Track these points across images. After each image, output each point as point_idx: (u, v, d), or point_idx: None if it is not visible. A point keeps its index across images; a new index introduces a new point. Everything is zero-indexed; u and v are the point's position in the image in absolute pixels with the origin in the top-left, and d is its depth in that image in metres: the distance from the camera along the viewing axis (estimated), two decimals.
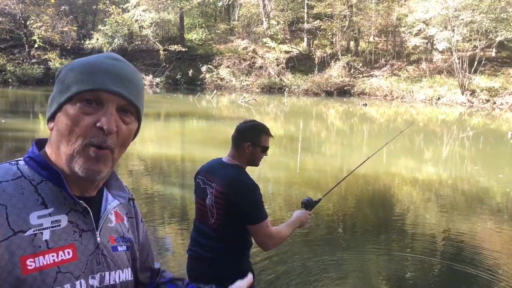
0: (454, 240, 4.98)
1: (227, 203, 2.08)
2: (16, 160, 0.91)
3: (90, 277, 0.88)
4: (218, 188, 2.11)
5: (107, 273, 0.92)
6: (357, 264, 4.31)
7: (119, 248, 0.97)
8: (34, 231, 0.82)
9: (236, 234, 2.14)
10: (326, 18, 27.70)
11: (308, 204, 2.48)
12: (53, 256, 0.83)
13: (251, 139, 2.19)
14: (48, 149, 0.91)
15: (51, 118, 0.90)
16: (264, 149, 2.24)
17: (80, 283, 0.86)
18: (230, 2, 32.31)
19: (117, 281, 0.94)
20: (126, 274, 0.98)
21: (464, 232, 5.25)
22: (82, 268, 0.87)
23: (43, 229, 0.83)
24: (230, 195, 2.07)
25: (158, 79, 27.40)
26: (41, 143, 0.95)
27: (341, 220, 5.67)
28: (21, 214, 0.82)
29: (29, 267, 0.80)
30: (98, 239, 0.91)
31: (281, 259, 4.35)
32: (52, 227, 0.85)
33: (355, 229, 5.43)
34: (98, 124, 0.84)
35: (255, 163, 2.26)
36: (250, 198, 2.08)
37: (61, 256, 0.84)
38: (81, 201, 0.88)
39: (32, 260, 0.80)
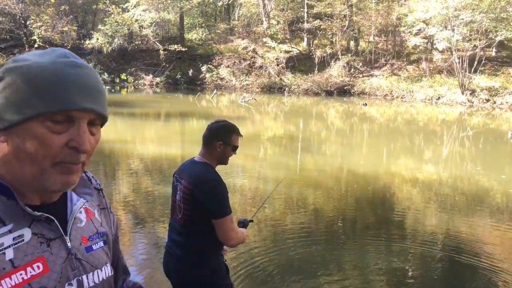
0: (455, 237, 4.98)
1: (193, 199, 2.17)
2: None
3: (66, 284, 0.85)
4: (185, 185, 2.21)
5: (84, 277, 0.89)
6: (357, 260, 4.32)
7: (94, 247, 0.93)
8: None
9: (207, 231, 2.19)
10: (326, 18, 27.68)
11: (245, 224, 2.61)
12: (21, 274, 0.78)
13: (222, 138, 2.28)
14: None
15: (1, 131, 0.80)
16: (234, 148, 2.34)
17: None
18: (230, 2, 32.29)
19: (97, 281, 0.91)
20: (105, 271, 0.94)
21: (464, 230, 5.25)
22: (57, 278, 0.83)
23: (5, 248, 0.78)
24: (195, 192, 2.16)
25: (158, 79, 27.40)
26: None
27: (340, 218, 5.68)
28: None
29: None
30: (69, 244, 0.87)
31: (280, 254, 4.36)
32: (15, 244, 0.79)
33: (355, 227, 5.44)
34: (71, 144, 0.79)
35: (225, 162, 2.36)
36: (213, 193, 2.16)
37: (30, 272, 0.80)
38: (40, 213, 0.83)
39: None
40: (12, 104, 0.78)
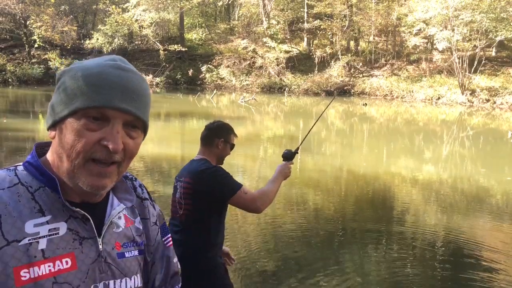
0: (455, 236, 4.97)
1: (195, 192, 2.22)
2: (15, 166, 0.88)
3: (92, 286, 0.85)
4: (185, 180, 2.26)
5: (111, 282, 0.89)
6: (357, 259, 4.31)
7: (127, 254, 0.93)
8: (29, 240, 0.79)
9: (206, 229, 2.24)
10: (326, 18, 27.68)
11: (289, 156, 2.58)
12: (49, 266, 0.80)
13: (223, 136, 2.37)
14: (50, 156, 0.88)
15: (52, 127, 0.86)
16: (232, 147, 2.43)
17: None
18: (230, 2, 32.29)
19: None
20: (134, 281, 0.94)
21: (465, 229, 5.24)
22: (82, 278, 0.84)
23: (40, 237, 0.80)
24: (197, 184, 2.21)
25: (158, 79, 27.38)
26: (42, 147, 0.92)
27: (340, 218, 5.67)
28: (16, 223, 0.79)
29: (23, 278, 0.77)
30: (100, 246, 0.88)
31: (280, 254, 4.36)
32: (50, 235, 0.81)
33: (354, 226, 5.43)
34: (103, 143, 0.81)
35: (223, 160, 2.43)
36: (214, 178, 2.22)
37: (58, 265, 0.81)
38: (77, 209, 0.85)
39: (26, 270, 0.78)
40: (60, 101, 0.84)
